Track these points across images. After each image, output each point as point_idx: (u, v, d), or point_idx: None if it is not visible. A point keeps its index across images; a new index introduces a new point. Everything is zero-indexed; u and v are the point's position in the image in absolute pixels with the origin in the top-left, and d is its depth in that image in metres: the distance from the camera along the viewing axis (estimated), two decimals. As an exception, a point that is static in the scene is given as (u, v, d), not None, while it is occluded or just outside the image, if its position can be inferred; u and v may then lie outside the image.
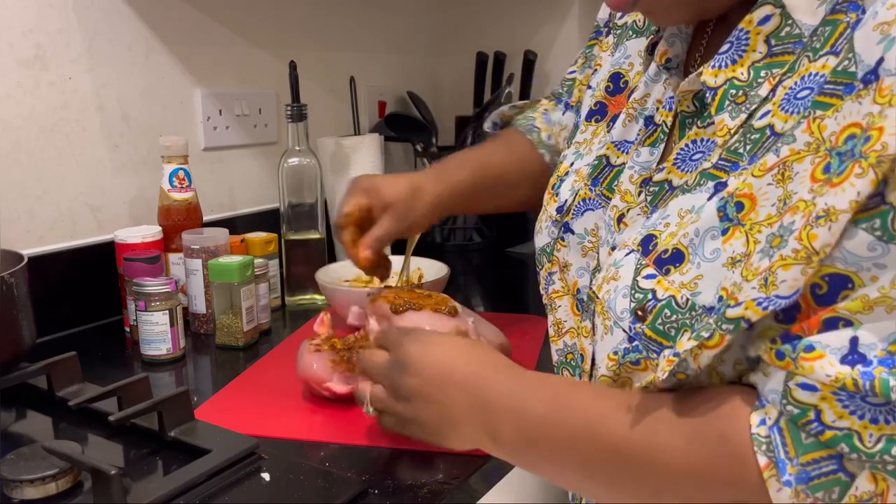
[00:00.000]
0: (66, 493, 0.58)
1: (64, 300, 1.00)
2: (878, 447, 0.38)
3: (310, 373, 0.75)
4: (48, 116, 0.98)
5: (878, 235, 0.38)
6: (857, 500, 0.39)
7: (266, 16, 1.29)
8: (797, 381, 0.40)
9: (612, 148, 0.62)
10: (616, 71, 0.67)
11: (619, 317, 0.51)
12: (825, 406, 0.39)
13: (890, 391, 0.37)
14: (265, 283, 0.99)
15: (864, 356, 0.38)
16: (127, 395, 0.69)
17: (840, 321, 0.40)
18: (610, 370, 0.52)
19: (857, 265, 0.39)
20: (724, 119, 0.50)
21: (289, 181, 1.10)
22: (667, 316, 0.48)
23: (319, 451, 0.67)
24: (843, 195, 0.39)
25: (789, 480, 0.41)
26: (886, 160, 0.37)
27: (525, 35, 1.63)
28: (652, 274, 0.50)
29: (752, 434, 0.42)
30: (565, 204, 0.65)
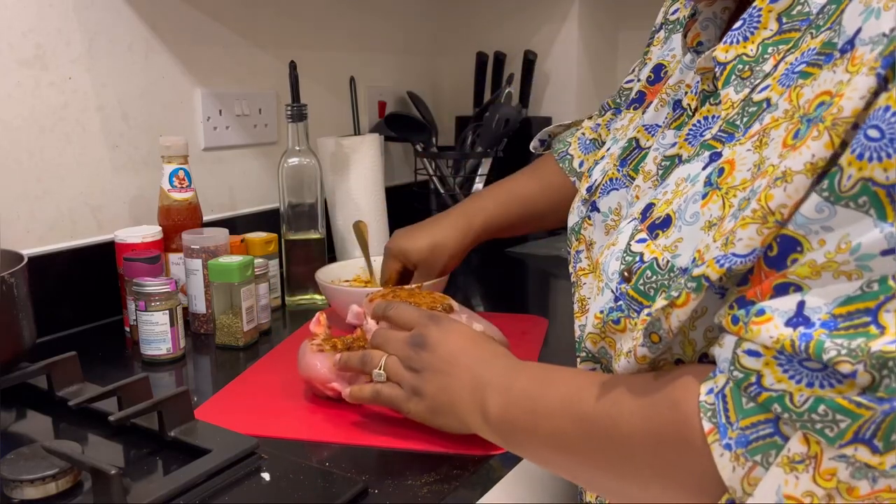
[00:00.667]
0: (66, 493, 0.58)
1: (64, 300, 1.00)
2: (807, 406, 0.38)
3: (314, 373, 0.75)
4: (48, 116, 0.98)
5: (826, 196, 0.39)
6: (789, 461, 0.40)
7: (266, 16, 1.29)
8: (744, 347, 0.41)
9: (642, 131, 0.64)
10: (659, 62, 0.68)
11: (610, 278, 0.53)
12: (767, 371, 0.40)
13: (822, 352, 0.37)
14: (265, 283, 0.99)
15: (808, 318, 0.39)
16: (127, 395, 0.69)
17: (791, 286, 0.40)
18: (595, 328, 0.54)
19: (806, 228, 0.40)
20: (730, 93, 0.50)
21: (289, 181, 1.10)
22: (648, 277, 0.50)
23: (319, 451, 0.67)
24: (798, 157, 0.40)
25: (729, 444, 0.42)
26: (841, 123, 0.38)
27: (525, 35, 1.63)
28: (643, 238, 0.52)
29: (699, 401, 0.44)
30: (595, 183, 0.67)
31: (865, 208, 0.38)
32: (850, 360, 0.37)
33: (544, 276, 1.35)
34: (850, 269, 0.38)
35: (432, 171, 1.49)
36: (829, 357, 0.37)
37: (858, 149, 0.38)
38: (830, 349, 0.37)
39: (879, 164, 0.37)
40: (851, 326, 0.38)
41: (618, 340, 0.53)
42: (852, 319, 0.38)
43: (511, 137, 1.49)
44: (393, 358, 0.68)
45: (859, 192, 0.38)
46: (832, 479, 0.38)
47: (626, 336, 0.52)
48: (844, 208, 0.38)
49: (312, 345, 0.77)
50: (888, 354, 0.36)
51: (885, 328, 0.37)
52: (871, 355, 0.36)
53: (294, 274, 1.11)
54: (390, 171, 1.58)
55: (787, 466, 0.40)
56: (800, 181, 0.39)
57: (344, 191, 1.22)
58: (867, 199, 0.37)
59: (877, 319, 0.37)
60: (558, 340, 0.96)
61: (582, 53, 1.61)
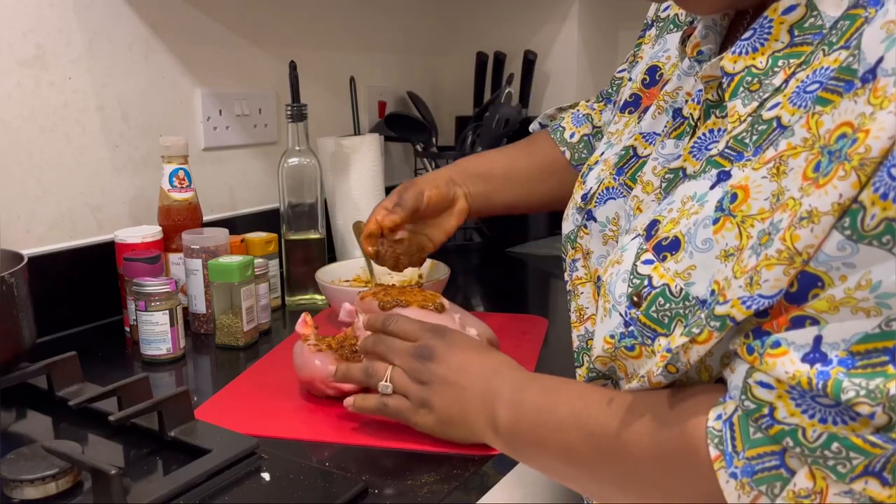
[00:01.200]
0: (66, 493, 0.58)
1: (64, 300, 1.00)
2: (820, 442, 0.38)
3: (316, 373, 0.75)
4: (48, 116, 0.98)
5: (848, 235, 0.38)
6: (794, 497, 0.40)
7: (266, 16, 1.29)
8: (757, 378, 0.41)
9: (639, 139, 0.63)
10: (654, 64, 0.67)
11: (617, 301, 0.52)
12: (780, 404, 0.40)
13: (840, 392, 0.37)
14: (265, 283, 0.99)
15: (826, 355, 0.39)
16: (127, 395, 0.69)
17: (807, 319, 0.40)
18: (606, 352, 0.54)
19: (828, 265, 0.39)
20: (737, 105, 0.49)
21: (289, 181, 1.10)
22: (661, 304, 0.49)
23: (319, 451, 0.67)
24: (825, 197, 0.39)
25: (735, 473, 0.42)
26: (869, 163, 0.37)
27: (525, 35, 1.63)
28: (650, 259, 0.51)
29: (707, 427, 0.44)
30: (590, 191, 0.66)
31: (889, 247, 0.37)
32: (869, 401, 0.37)
33: (544, 276, 1.35)
34: (868, 305, 0.38)
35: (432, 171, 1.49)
36: (847, 398, 0.37)
37: (882, 188, 0.37)
38: (849, 389, 0.37)
39: None
40: (869, 365, 0.37)
41: (631, 365, 0.53)
42: (871, 358, 0.38)
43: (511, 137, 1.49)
44: (398, 370, 0.67)
45: (883, 232, 0.37)
46: None
47: (642, 362, 0.51)
48: (868, 246, 0.38)
49: (309, 345, 0.77)
50: None
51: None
52: (891, 398, 0.36)
53: (294, 274, 1.11)
54: (390, 171, 1.58)
55: (793, 501, 0.40)
56: (827, 222, 0.39)
57: (344, 191, 1.22)
58: (891, 238, 0.37)
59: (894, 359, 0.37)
60: (558, 340, 0.96)
61: (582, 53, 1.61)
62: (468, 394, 0.62)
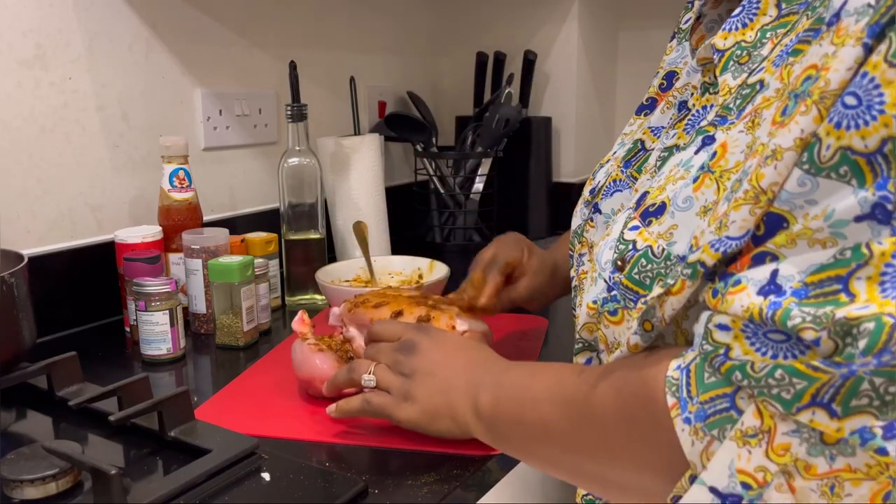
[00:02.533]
0: (66, 493, 0.58)
1: (64, 300, 1.00)
2: (764, 371, 0.38)
3: (317, 372, 0.75)
4: (48, 116, 0.98)
5: (806, 169, 0.38)
6: (742, 435, 0.39)
7: (266, 16, 1.29)
8: (716, 321, 0.41)
9: (648, 133, 0.64)
10: (671, 69, 0.68)
11: (603, 268, 0.53)
12: (736, 344, 0.40)
13: (787, 320, 0.37)
14: (265, 283, 0.99)
15: (780, 287, 0.39)
16: (127, 395, 0.69)
17: (767, 255, 0.40)
18: (591, 317, 0.55)
19: (791, 203, 0.39)
20: (727, 79, 0.50)
21: (289, 181, 1.10)
22: (643, 265, 0.49)
23: (319, 451, 0.67)
24: (788, 134, 0.39)
25: (689, 418, 0.42)
26: (829, 96, 0.37)
27: (525, 35, 1.63)
28: (636, 226, 0.51)
29: (666, 377, 0.44)
30: (598, 185, 0.67)
31: (847, 178, 0.37)
32: (815, 326, 0.36)
33: (544, 276, 1.34)
34: (824, 236, 0.38)
35: (432, 171, 1.49)
36: (793, 324, 0.37)
37: (836, 118, 0.37)
38: (796, 317, 0.37)
39: (857, 131, 0.36)
40: (822, 294, 0.37)
41: (612, 333, 0.53)
42: (823, 287, 0.37)
43: (511, 137, 1.49)
44: (381, 365, 0.67)
45: (839, 162, 0.37)
46: (786, 455, 0.38)
47: (622, 328, 0.51)
48: (826, 179, 0.38)
49: (309, 345, 0.77)
50: (853, 321, 0.35)
51: (855, 296, 0.36)
52: (836, 322, 0.36)
53: (294, 274, 1.11)
54: (390, 171, 1.58)
55: (739, 440, 0.39)
56: (790, 157, 0.39)
57: (344, 191, 1.22)
58: (848, 169, 0.37)
59: (847, 287, 0.36)
60: (558, 340, 0.96)
61: (582, 53, 1.61)
62: (452, 384, 0.63)
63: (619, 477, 0.50)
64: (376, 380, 0.66)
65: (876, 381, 0.35)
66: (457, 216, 1.50)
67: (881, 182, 0.36)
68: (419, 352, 0.65)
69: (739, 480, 0.39)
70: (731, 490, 0.40)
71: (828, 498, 0.38)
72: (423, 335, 0.67)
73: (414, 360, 0.65)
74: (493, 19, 1.67)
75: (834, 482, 0.38)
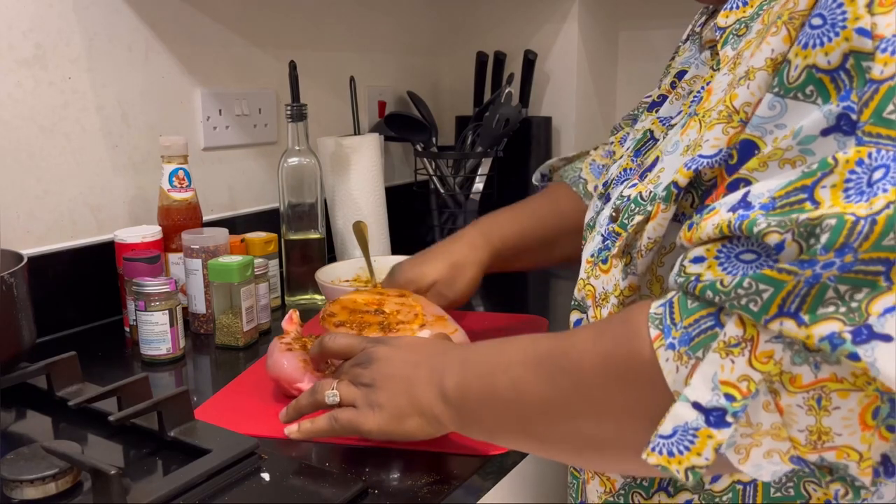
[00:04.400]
0: (65, 493, 0.58)
1: (64, 300, 1.00)
2: (733, 283, 0.38)
3: (281, 372, 0.75)
4: (48, 116, 0.98)
5: (776, 92, 0.39)
6: (725, 346, 0.39)
7: (266, 16, 1.29)
8: (689, 256, 0.42)
9: (656, 123, 0.64)
10: (682, 69, 0.68)
11: (601, 224, 0.54)
12: (708, 272, 0.40)
13: (753, 226, 0.37)
14: (265, 283, 0.99)
15: (750, 203, 0.39)
16: (127, 395, 0.69)
17: (741, 182, 0.40)
18: (586, 272, 0.54)
19: (762, 128, 0.40)
20: (727, 51, 0.51)
21: (289, 181, 1.10)
22: (631, 210, 0.50)
23: (319, 451, 0.67)
24: (759, 55, 0.40)
25: (672, 343, 0.41)
26: (797, 16, 0.38)
27: (525, 35, 1.63)
28: (634, 183, 0.53)
29: (649, 314, 0.43)
30: (611, 178, 0.67)
31: (813, 98, 0.38)
32: (779, 230, 0.36)
33: (544, 276, 1.35)
34: (793, 155, 0.38)
35: (432, 171, 1.49)
36: (758, 230, 0.37)
37: (804, 39, 0.38)
38: (761, 223, 0.37)
39: (822, 48, 0.37)
40: (787, 204, 0.37)
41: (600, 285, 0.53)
42: (789, 198, 0.37)
43: (511, 137, 1.49)
44: (344, 381, 0.64)
45: (805, 81, 0.38)
46: (769, 363, 0.37)
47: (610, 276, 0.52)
48: (794, 101, 0.38)
49: (282, 343, 0.77)
50: (814, 221, 0.35)
51: (819, 203, 0.36)
52: (799, 224, 0.36)
53: (294, 274, 1.11)
54: (390, 171, 1.58)
55: (722, 352, 0.39)
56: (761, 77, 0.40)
57: (344, 191, 1.22)
58: (813, 89, 0.38)
59: (812, 196, 0.37)
60: (558, 340, 0.96)
61: (582, 53, 1.61)
62: (413, 380, 0.60)
63: (596, 431, 0.48)
64: (340, 395, 0.63)
65: (841, 288, 0.35)
66: (457, 216, 1.50)
67: (844, 94, 0.37)
68: (377, 359, 0.63)
69: (723, 392, 0.38)
70: (715, 403, 0.39)
71: (815, 413, 0.37)
72: (380, 345, 0.65)
73: (373, 368, 0.63)
74: (493, 19, 1.67)
75: (820, 393, 0.37)
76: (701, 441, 0.39)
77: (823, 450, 0.38)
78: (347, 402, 0.63)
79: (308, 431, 0.65)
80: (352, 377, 0.64)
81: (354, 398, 0.63)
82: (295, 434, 0.65)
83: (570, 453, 0.53)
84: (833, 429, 0.37)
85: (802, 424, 0.38)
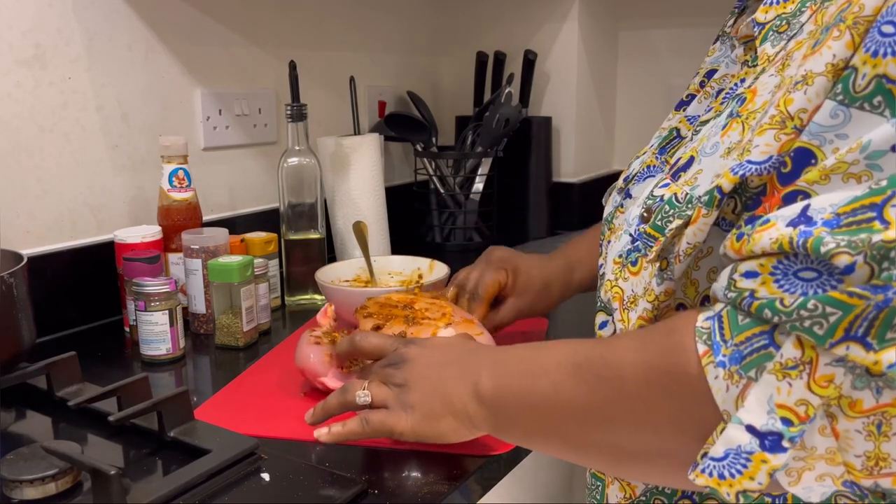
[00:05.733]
0: (65, 493, 0.58)
1: (64, 300, 1.00)
2: (796, 304, 0.36)
3: (306, 364, 0.75)
4: (48, 116, 0.98)
5: (840, 100, 0.37)
6: (781, 368, 0.37)
7: (266, 16, 1.29)
8: (741, 270, 0.40)
9: (684, 121, 0.63)
10: (712, 68, 0.67)
11: (629, 223, 0.52)
12: (762, 288, 0.39)
13: (820, 246, 0.35)
14: (265, 283, 0.99)
15: (811, 218, 0.37)
16: (127, 395, 0.69)
17: (799, 194, 0.39)
18: (613, 273, 0.53)
19: (821, 137, 0.38)
20: (766, 48, 0.49)
21: (289, 181, 1.10)
22: (665, 211, 0.48)
23: (319, 452, 0.67)
24: (819, 59, 0.38)
25: (723, 361, 0.40)
26: (862, 21, 0.37)
27: (525, 35, 1.63)
28: (666, 183, 0.51)
29: (696, 327, 0.42)
30: (632, 173, 0.66)
31: (881, 109, 0.36)
32: (850, 251, 0.35)
33: (544, 276, 1.34)
34: (859, 169, 0.36)
35: (432, 171, 1.49)
36: (826, 250, 0.35)
37: (872, 46, 0.36)
38: (829, 243, 0.35)
39: (893, 58, 0.35)
40: (854, 223, 0.35)
41: (629, 287, 0.51)
42: (856, 216, 0.35)
43: (511, 137, 1.49)
44: (375, 381, 0.64)
45: (874, 91, 0.36)
46: (829, 387, 0.36)
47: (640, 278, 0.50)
48: (859, 111, 0.36)
49: (311, 336, 0.77)
50: (890, 244, 0.33)
51: (890, 223, 0.34)
52: (873, 246, 0.34)
53: (294, 274, 1.11)
54: (390, 171, 1.58)
55: (779, 373, 0.37)
56: (821, 83, 0.38)
57: (344, 191, 1.22)
58: (882, 100, 0.36)
59: (882, 215, 0.35)
60: (558, 340, 0.96)
61: (582, 53, 1.61)
62: (446, 380, 0.59)
63: (636, 442, 0.46)
64: (371, 396, 0.62)
65: None
66: (457, 216, 1.50)
67: None
68: (409, 359, 0.62)
69: (779, 416, 0.37)
70: (771, 427, 0.37)
71: (874, 438, 0.36)
72: (412, 345, 0.65)
73: (405, 368, 0.62)
74: (493, 19, 1.67)
75: (881, 419, 0.36)
76: (755, 465, 0.38)
77: (880, 476, 0.37)
78: (378, 402, 0.62)
79: (339, 434, 0.62)
80: (383, 377, 0.63)
81: (386, 399, 0.62)
82: (325, 437, 0.63)
83: (608, 462, 0.53)
84: (892, 454, 0.37)
85: (860, 450, 0.37)
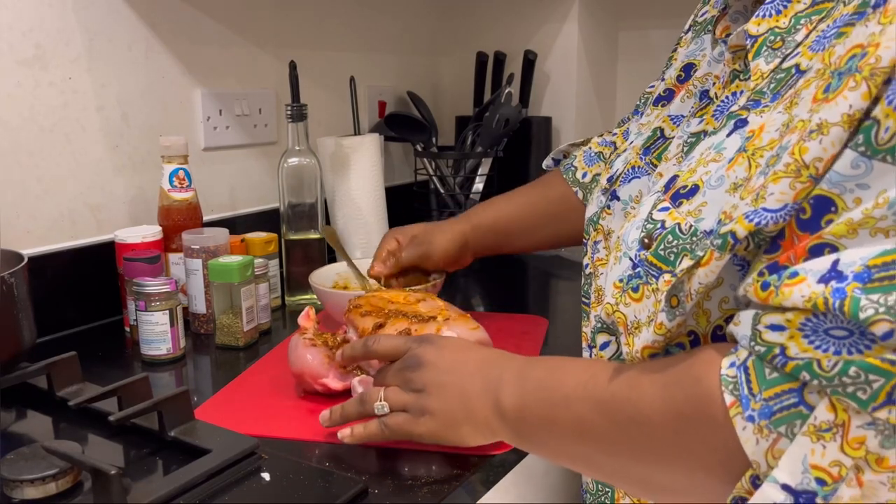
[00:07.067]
0: (66, 493, 0.58)
1: (64, 300, 1.00)
2: (836, 370, 0.37)
3: (305, 367, 0.75)
4: (48, 116, 0.98)
5: (862, 151, 0.37)
6: (815, 430, 0.38)
7: (266, 16, 1.29)
8: (766, 322, 0.40)
9: (667, 121, 0.63)
10: (689, 62, 0.67)
11: (629, 247, 0.52)
12: (791, 343, 0.39)
13: (858, 311, 0.36)
14: (265, 283, 0.99)
15: (841, 273, 0.37)
16: (127, 395, 0.69)
17: (826, 247, 0.39)
18: (613, 297, 0.53)
19: (841, 186, 0.38)
20: (760, 64, 0.50)
21: (289, 181, 1.10)
22: (669, 241, 0.49)
23: (319, 451, 0.67)
24: (835, 108, 0.39)
25: (752, 416, 0.41)
26: (879, 73, 0.37)
27: (525, 35, 1.63)
28: (666, 207, 0.51)
29: (721, 375, 0.43)
30: (616, 173, 0.66)
31: None
32: (890, 318, 0.35)
33: (544, 276, 1.35)
34: (887, 224, 0.37)
35: (432, 171, 1.49)
36: (866, 316, 0.35)
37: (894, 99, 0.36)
38: (867, 308, 0.36)
39: None
40: (886, 278, 0.36)
41: (631, 313, 0.52)
42: (888, 270, 0.36)
43: (511, 137, 1.49)
44: (392, 388, 0.64)
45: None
46: (861, 448, 0.37)
47: (642, 306, 0.50)
48: (882, 163, 0.37)
49: (304, 339, 0.77)
50: None
51: None
52: None
53: (294, 274, 1.11)
54: (390, 171, 1.58)
55: (813, 436, 0.38)
56: (836, 133, 0.38)
57: (344, 191, 1.22)
58: None
59: None
60: (558, 340, 0.96)
61: (582, 53, 1.61)
62: (467, 389, 0.60)
63: (667, 479, 0.48)
64: (389, 404, 0.63)
65: None
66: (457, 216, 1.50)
67: None
68: (426, 364, 0.62)
69: (814, 476, 0.38)
70: (805, 486, 0.38)
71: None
72: (427, 346, 0.64)
73: (423, 373, 0.62)
74: (493, 19, 1.67)
75: None
76: None
77: None
78: (398, 408, 0.63)
79: (361, 436, 0.65)
80: (400, 382, 0.63)
81: (405, 404, 0.63)
82: (348, 439, 0.65)
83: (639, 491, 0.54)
84: None
85: (883, 499, 0.38)
